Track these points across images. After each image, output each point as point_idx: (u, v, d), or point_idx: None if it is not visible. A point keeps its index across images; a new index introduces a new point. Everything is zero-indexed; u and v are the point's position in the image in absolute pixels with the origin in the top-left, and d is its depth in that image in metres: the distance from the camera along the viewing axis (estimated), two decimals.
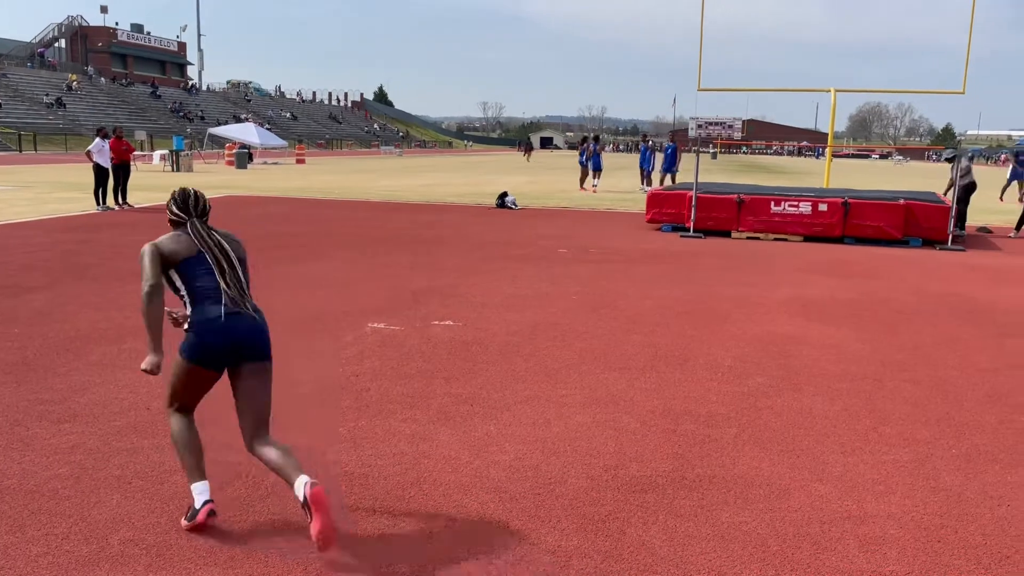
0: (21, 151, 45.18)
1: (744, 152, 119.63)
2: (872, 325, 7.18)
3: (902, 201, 13.24)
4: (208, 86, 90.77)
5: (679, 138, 52.59)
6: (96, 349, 5.82)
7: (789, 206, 13.46)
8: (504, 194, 18.47)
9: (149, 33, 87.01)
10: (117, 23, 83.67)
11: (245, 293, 3.27)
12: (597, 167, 24.74)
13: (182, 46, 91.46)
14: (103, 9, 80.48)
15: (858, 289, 8.99)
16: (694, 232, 13.69)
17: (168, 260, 3.19)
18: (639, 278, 9.33)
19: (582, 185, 24.92)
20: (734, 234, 13.68)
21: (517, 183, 27.52)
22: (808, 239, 13.33)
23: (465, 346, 6.12)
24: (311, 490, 2.96)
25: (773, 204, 13.54)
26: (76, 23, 79.78)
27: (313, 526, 2.94)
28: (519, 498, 3.61)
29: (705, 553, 3.17)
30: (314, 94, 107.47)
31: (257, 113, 78.62)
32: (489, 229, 13.96)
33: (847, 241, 13.19)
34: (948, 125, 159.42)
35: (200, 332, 3.16)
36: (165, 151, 34.42)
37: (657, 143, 39.05)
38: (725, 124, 16.90)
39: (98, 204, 15.72)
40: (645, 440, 4.33)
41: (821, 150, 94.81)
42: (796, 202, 13.47)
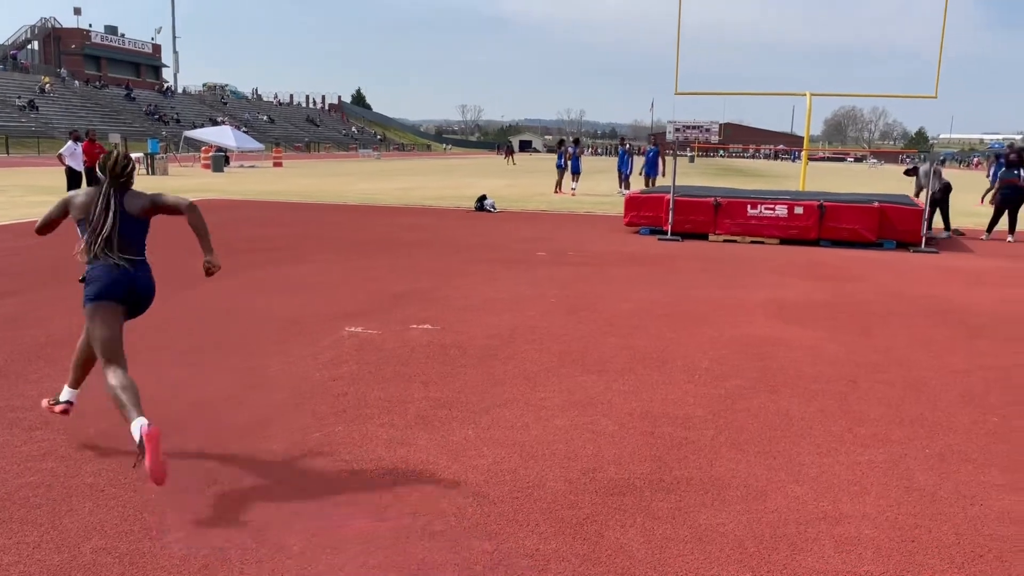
0: None
1: (721, 155, 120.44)
2: (847, 327, 7.24)
3: (876, 204, 13.39)
4: (184, 89, 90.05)
5: (661, 141, 52.85)
6: (69, 355, 5.73)
7: (766, 209, 13.57)
8: (483, 197, 18.47)
9: (123, 35, 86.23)
10: (91, 25, 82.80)
11: (112, 248, 3.85)
12: (576, 170, 24.81)
13: (157, 48, 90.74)
14: (76, 11, 79.71)
15: (833, 291, 9.07)
16: (672, 235, 13.76)
17: (69, 209, 3.93)
18: (617, 281, 9.36)
19: (558, 189, 24.97)
20: (711, 237, 13.76)
21: (496, 186, 27.53)
22: (784, 242, 13.44)
23: (443, 350, 6.10)
24: (148, 430, 3.45)
25: (750, 207, 13.64)
26: (49, 25, 78.92)
27: (145, 462, 3.40)
28: (497, 502, 3.60)
29: (683, 555, 3.18)
30: (291, 97, 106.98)
31: (233, 116, 78.07)
32: (468, 232, 13.95)
33: (823, 244, 13.31)
34: (921, 129, 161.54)
35: (95, 276, 3.86)
36: (140, 154, 34.07)
37: (636, 146, 39.25)
38: (703, 128, 17.06)
39: None
40: (623, 443, 4.34)
41: (797, 153, 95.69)
42: (772, 205, 13.58)
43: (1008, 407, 5.09)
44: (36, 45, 78.14)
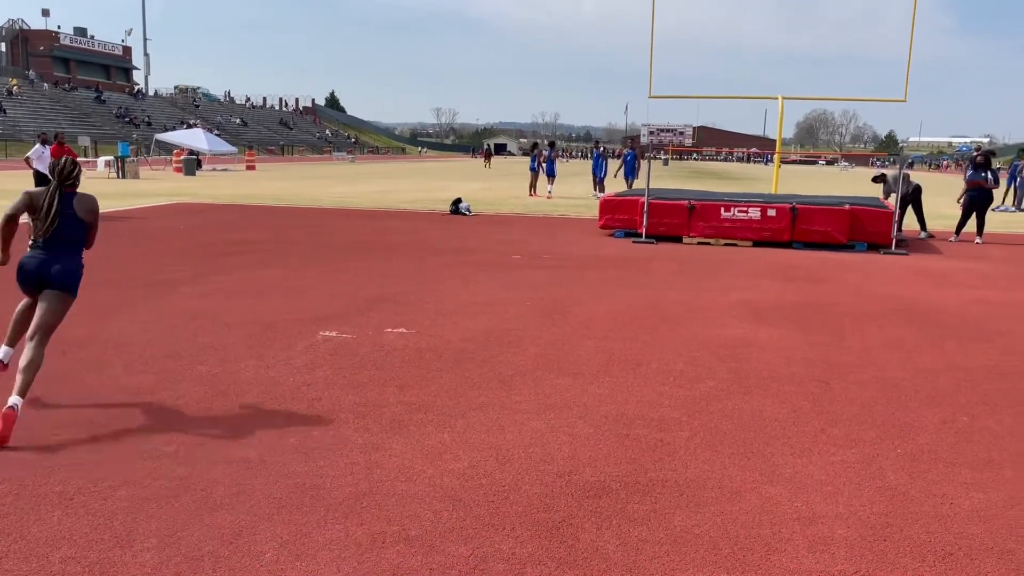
0: None
1: (695, 158, 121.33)
2: (820, 328, 7.31)
3: (848, 206, 13.54)
4: (155, 91, 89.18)
5: (639, 145, 52.99)
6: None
7: (739, 212, 13.67)
8: (458, 200, 18.44)
9: (93, 37, 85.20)
10: (59, 27, 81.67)
11: (51, 241, 4.49)
12: (551, 173, 24.86)
13: (127, 50, 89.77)
14: (45, 12, 78.79)
15: (806, 293, 9.16)
16: (646, 238, 13.82)
17: (27, 205, 4.50)
18: (592, 284, 9.39)
19: (533, 192, 25.00)
20: (685, 239, 13.84)
21: (471, 189, 27.51)
22: (757, 244, 13.55)
23: (419, 353, 6.08)
24: (3, 411, 4.11)
25: (723, 210, 13.74)
26: (17, 27, 77.79)
27: None
28: (473, 506, 3.59)
29: (658, 557, 3.19)
30: (264, 100, 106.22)
31: (206, 119, 77.39)
32: (443, 235, 13.92)
33: (795, 246, 13.43)
34: (891, 132, 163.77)
35: (20, 264, 4.52)
36: (110, 157, 33.71)
37: (610, 150, 39.40)
38: (676, 131, 17.14)
39: None
40: (599, 445, 4.35)
41: (770, 156, 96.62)
42: (746, 208, 13.69)
43: (976, 407, 5.17)
44: (3, 47, 76.98)
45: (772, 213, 13.53)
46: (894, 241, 13.24)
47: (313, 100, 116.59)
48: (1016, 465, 4.22)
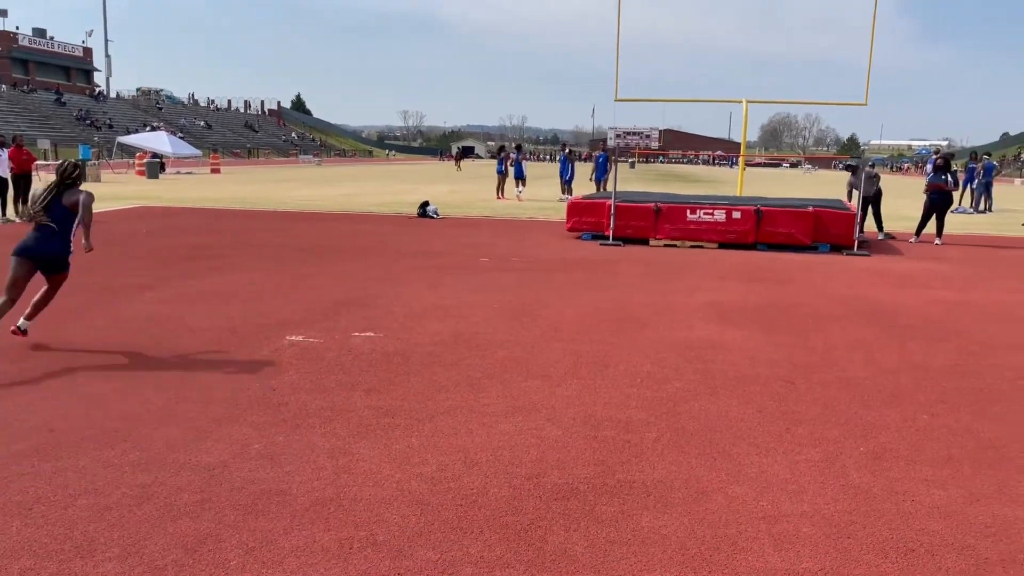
0: None
1: (661, 161, 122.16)
2: (784, 329, 7.40)
3: (811, 209, 13.72)
4: (117, 93, 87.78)
5: (609, 148, 53.16)
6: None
7: (704, 214, 13.79)
8: (426, 203, 18.39)
9: (52, 38, 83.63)
10: (17, 27, 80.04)
11: (45, 227, 5.87)
12: (520, 175, 24.88)
13: (88, 52, 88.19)
14: (2, 13, 77.07)
15: (770, 294, 9.27)
16: (613, 240, 13.89)
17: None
18: (560, 286, 9.41)
19: (500, 194, 25.00)
20: (652, 242, 13.94)
21: (439, 192, 27.46)
22: (723, 246, 13.68)
23: (386, 357, 6.05)
24: None
25: (689, 212, 13.86)
26: None
27: None
28: (441, 510, 3.58)
29: (626, 558, 3.20)
30: (229, 102, 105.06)
31: (169, 121, 76.34)
32: (410, 239, 13.87)
33: (760, 247, 13.59)
34: (853, 135, 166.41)
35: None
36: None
37: (577, 152, 39.55)
38: (643, 134, 17.20)
39: None
40: (567, 447, 4.36)
41: (735, 159, 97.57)
42: (711, 210, 13.82)
43: (936, 405, 5.26)
44: None
45: (737, 215, 13.68)
46: (856, 242, 13.45)
47: (279, 103, 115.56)
48: (975, 462, 4.30)
